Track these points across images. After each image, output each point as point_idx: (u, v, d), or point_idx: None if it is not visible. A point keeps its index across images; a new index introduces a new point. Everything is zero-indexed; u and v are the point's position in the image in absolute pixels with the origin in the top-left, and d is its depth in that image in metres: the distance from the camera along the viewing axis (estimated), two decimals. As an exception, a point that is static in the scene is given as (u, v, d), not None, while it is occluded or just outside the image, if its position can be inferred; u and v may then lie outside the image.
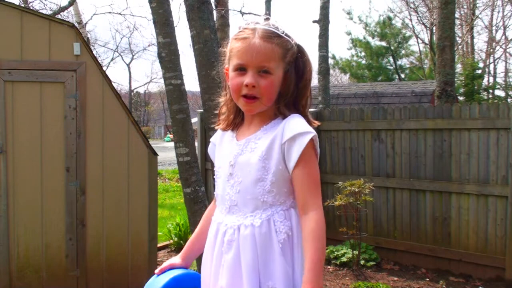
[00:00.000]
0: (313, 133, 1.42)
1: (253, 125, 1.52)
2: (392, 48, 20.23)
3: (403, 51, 21.34)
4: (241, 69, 1.45)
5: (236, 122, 1.57)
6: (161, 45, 3.68)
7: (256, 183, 1.45)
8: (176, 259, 1.67)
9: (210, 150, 1.68)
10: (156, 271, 1.64)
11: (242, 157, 1.50)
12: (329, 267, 5.02)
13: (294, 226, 1.44)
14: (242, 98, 1.46)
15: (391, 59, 20.77)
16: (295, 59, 1.49)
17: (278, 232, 1.43)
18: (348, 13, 21.58)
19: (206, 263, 1.55)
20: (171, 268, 1.63)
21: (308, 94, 1.53)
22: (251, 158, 1.47)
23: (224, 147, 1.59)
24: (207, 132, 6.16)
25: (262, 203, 1.45)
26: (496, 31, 23.04)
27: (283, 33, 1.47)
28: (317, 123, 1.56)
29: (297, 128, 1.41)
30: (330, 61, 17.58)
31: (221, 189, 1.55)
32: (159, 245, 5.38)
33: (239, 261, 1.42)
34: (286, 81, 1.47)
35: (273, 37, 1.44)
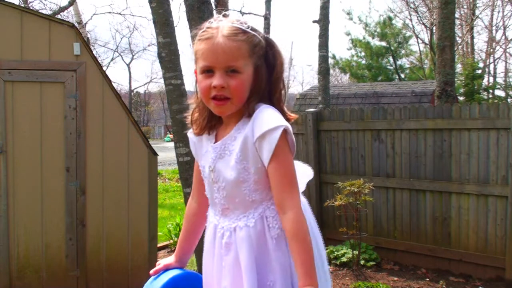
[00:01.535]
0: (283, 126, 1.35)
1: (230, 124, 1.47)
2: (392, 48, 20.23)
3: (403, 51, 21.34)
4: (208, 71, 1.40)
5: (212, 124, 1.51)
6: (161, 45, 3.68)
7: (240, 186, 1.43)
8: (170, 259, 1.66)
9: (191, 147, 1.62)
10: (151, 272, 1.63)
11: (221, 161, 1.46)
12: (329, 267, 5.02)
13: None
14: (212, 100, 1.40)
15: (391, 59, 20.77)
16: (265, 53, 1.44)
17: (271, 228, 1.42)
18: (348, 13, 21.55)
19: (208, 264, 1.55)
20: (167, 269, 1.63)
21: (282, 87, 1.48)
22: (229, 161, 1.44)
23: (203, 146, 1.55)
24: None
25: (251, 202, 1.44)
26: (496, 31, 23.05)
27: (248, 28, 1.41)
28: (293, 116, 1.50)
29: (265, 124, 1.36)
30: (330, 61, 17.59)
31: (209, 192, 1.54)
32: (159, 245, 5.38)
33: (238, 262, 1.43)
34: (257, 77, 1.42)
35: (238, 33, 1.38)
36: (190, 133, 1.60)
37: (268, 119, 1.37)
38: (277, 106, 1.45)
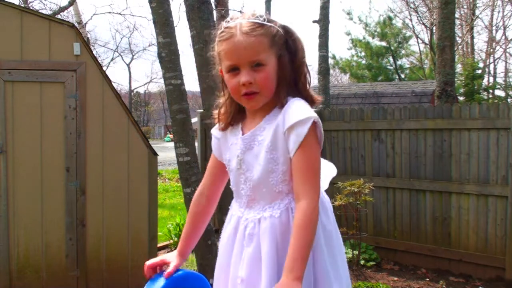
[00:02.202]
0: (313, 117, 1.39)
1: (257, 116, 1.50)
2: (392, 48, 20.23)
3: (403, 51, 21.32)
4: (234, 69, 1.43)
5: (237, 118, 1.55)
6: (161, 45, 3.68)
7: (268, 175, 1.45)
8: (176, 259, 1.62)
9: (213, 144, 1.65)
10: (148, 263, 1.58)
11: (250, 151, 1.49)
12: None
13: None
14: (243, 97, 1.44)
15: (391, 59, 20.76)
16: (285, 42, 1.47)
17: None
18: (348, 13, 21.55)
19: (224, 257, 1.55)
20: (163, 263, 1.59)
21: (306, 71, 1.51)
22: (259, 151, 1.46)
23: (228, 140, 1.58)
24: (207, 132, 6.15)
25: (278, 193, 1.45)
26: (496, 31, 23.05)
27: (264, 21, 1.44)
28: (319, 98, 1.53)
29: (295, 116, 1.39)
30: (330, 61, 17.57)
31: (235, 183, 1.56)
32: (159, 245, 5.38)
33: (259, 254, 1.42)
34: (281, 66, 1.45)
35: (255, 28, 1.42)
36: (214, 130, 1.64)
37: (299, 110, 1.40)
38: (304, 91, 1.49)
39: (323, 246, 1.44)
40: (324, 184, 1.68)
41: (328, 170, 1.76)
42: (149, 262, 1.59)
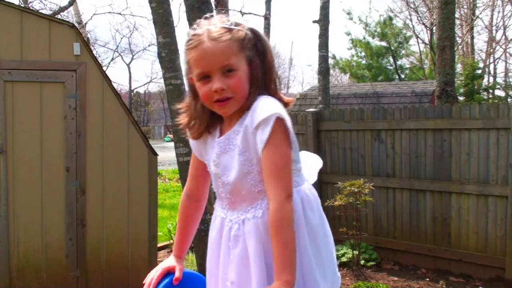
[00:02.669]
0: (276, 114, 1.35)
1: (233, 119, 1.48)
2: (392, 48, 20.22)
3: (403, 51, 21.32)
4: (205, 77, 1.41)
5: (214, 123, 1.52)
6: (161, 45, 3.68)
7: (244, 177, 1.44)
8: (179, 264, 1.63)
9: (192, 144, 1.62)
10: (153, 277, 1.58)
11: (225, 155, 1.48)
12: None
13: (294, 206, 1.40)
14: (215, 103, 1.42)
15: (391, 59, 20.75)
16: (254, 45, 1.45)
17: None
18: (348, 13, 21.53)
19: (213, 259, 1.54)
20: (168, 271, 1.60)
21: (275, 75, 1.49)
22: (233, 154, 1.45)
23: (209, 142, 1.56)
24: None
25: (258, 193, 1.44)
26: (496, 31, 23.03)
27: (232, 25, 1.42)
28: (290, 100, 1.50)
29: (260, 114, 1.36)
30: (330, 61, 17.56)
31: (215, 186, 1.55)
32: (159, 245, 5.38)
33: (246, 255, 1.42)
34: (252, 69, 1.44)
35: (223, 33, 1.40)
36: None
37: (263, 108, 1.38)
38: (274, 94, 1.47)
39: (307, 245, 1.42)
40: (312, 177, 1.67)
41: (313, 163, 1.74)
42: (156, 276, 1.58)
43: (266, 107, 1.38)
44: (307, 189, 1.51)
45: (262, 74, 1.46)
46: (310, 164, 1.73)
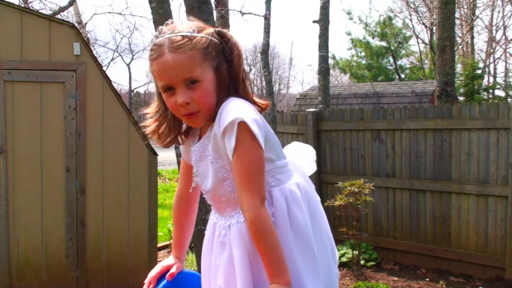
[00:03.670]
0: (238, 118, 1.27)
1: (207, 124, 1.43)
2: (392, 48, 20.22)
3: (403, 51, 21.31)
4: (168, 89, 1.34)
5: (190, 128, 1.48)
6: (161, 45, 3.67)
7: (222, 184, 1.41)
8: (177, 262, 1.63)
9: (181, 150, 1.60)
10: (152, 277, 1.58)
11: (201, 162, 1.45)
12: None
13: (275, 208, 1.38)
14: (184, 117, 1.37)
15: (391, 59, 20.75)
16: (222, 49, 1.38)
17: None
18: (348, 13, 21.53)
19: (205, 263, 1.54)
20: (168, 270, 1.59)
21: (245, 77, 1.41)
22: (207, 162, 1.42)
23: (188, 149, 1.53)
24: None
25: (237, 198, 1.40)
26: (496, 31, 23.02)
27: (194, 32, 1.34)
28: (265, 103, 1.45)
29: (224, 121, 1.30)
30: (330, 61, 17.56)
31: (203, 192, 1.54)
32: (159, 245, 5.38)
33: (232, 260, 1.41)
34: (219, 76, 1.36)
35: (184, 43, 1.31)
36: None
37: (227, 113, 1.30)
38: (246, 97, 1.40)
39: (291, 247, 1.38)
40: (309, 170, 1.64)
41: (306, 153, 1.71)
42: (153, 274, 1.57)
43: (230, 111, 1.30)
44: (293, 184, 1.44)
45: (231, 78, 1.39)
46: (304, 155, 1.70)
